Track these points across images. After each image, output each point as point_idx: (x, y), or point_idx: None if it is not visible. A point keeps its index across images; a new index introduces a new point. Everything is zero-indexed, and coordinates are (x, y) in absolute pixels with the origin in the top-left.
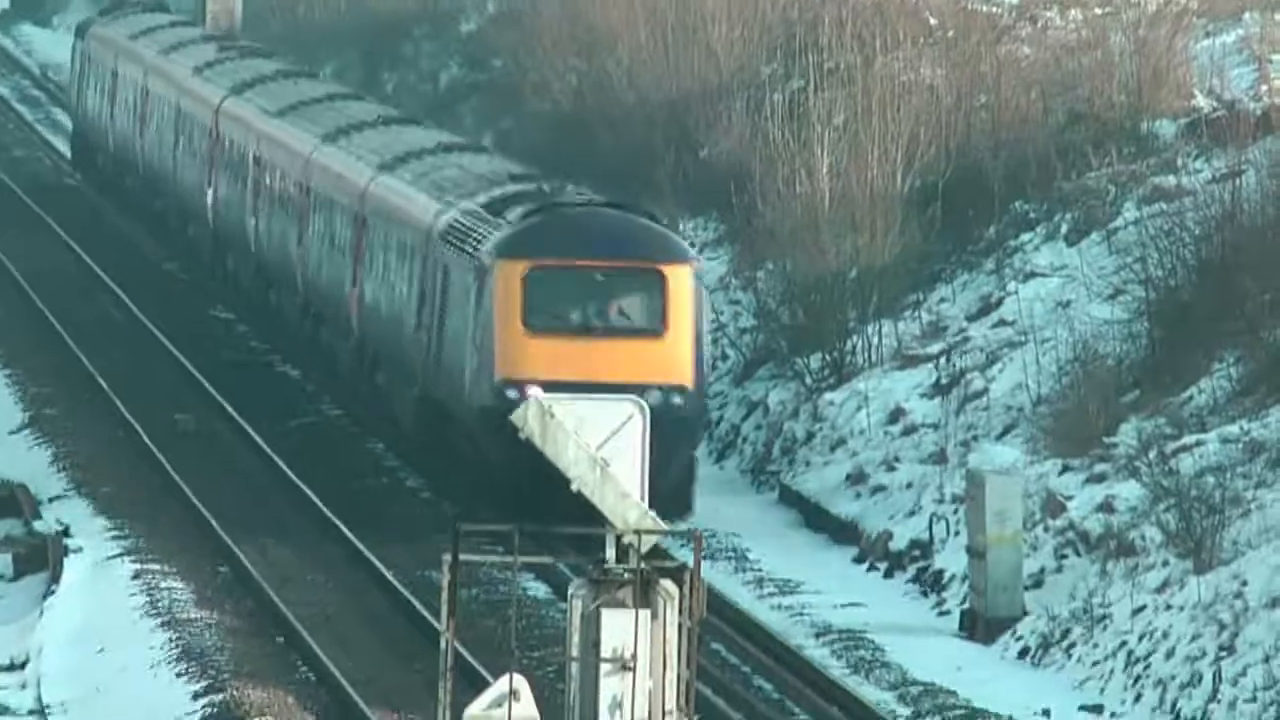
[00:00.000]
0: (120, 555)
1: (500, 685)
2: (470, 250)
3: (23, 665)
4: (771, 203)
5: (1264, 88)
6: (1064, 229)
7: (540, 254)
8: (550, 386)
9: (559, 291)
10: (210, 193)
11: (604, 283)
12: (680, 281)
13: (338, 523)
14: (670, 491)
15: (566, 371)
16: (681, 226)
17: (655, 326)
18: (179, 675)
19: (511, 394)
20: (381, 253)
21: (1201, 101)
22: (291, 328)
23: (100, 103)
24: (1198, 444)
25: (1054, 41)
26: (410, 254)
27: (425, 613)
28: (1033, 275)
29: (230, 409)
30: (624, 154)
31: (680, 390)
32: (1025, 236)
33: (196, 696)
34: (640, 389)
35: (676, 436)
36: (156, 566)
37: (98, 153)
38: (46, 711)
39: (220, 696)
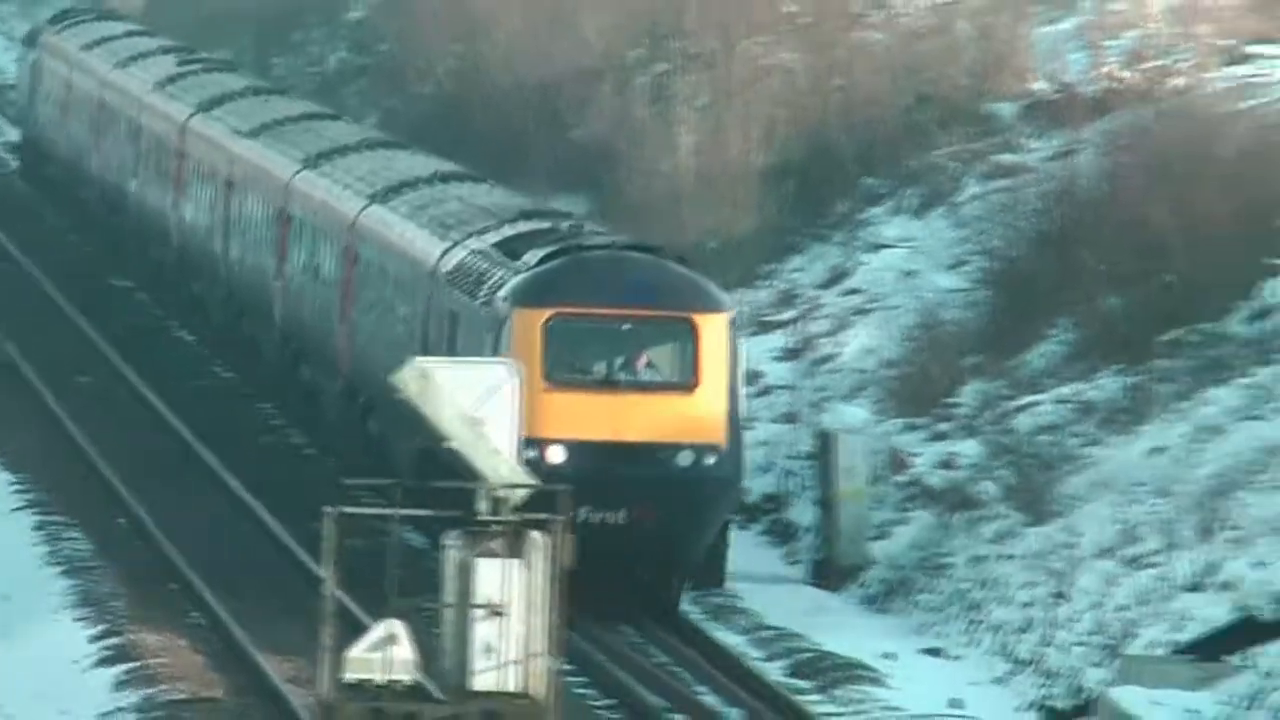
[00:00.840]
0: (24, 508)
1: (379, 630)
2: (483, 296)
3: None
4: (637, 181)
5: (1098, 72)
6: (911, 203)
7: (562, 301)
8: (572, 446)
9: (582, 343)
10: (175, 214)
11: (631, 333)
12: (714, 332)
13: (228, 478)
14: (703, 561)
15: (590, 430)
16: (553, 204)
17: (686, 381)
18: (78, 620)
19: (531, 454)
20: (376, 291)
21: (1040, 84)
22: (266, 359)
23: (52, 114)
24: (1034, 405)
25: (904, 28)
26: (410, 295)
27: (310, 563)
28: (881, 247)
29: (128, 371)
30: (500, 134)
31: (714, 449)
32: (874, 210)
33: (95, 639)
34: (670, 448)
35: (709, 500)
36: (59, 518)
37: (49, 163)
38: None
39: (118, 640)
